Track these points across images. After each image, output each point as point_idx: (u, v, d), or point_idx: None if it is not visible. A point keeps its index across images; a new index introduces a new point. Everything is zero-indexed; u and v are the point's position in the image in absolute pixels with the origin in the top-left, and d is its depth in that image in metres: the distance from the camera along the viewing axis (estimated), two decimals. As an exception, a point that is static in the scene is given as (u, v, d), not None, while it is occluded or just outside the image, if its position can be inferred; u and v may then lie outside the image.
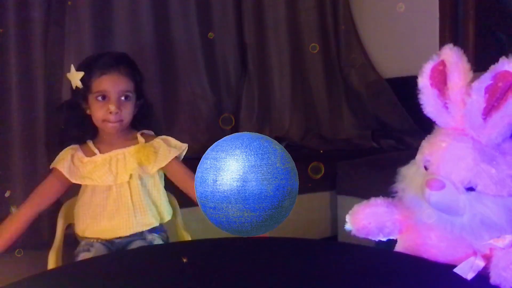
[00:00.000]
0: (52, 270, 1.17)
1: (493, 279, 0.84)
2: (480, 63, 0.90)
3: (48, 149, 1.63)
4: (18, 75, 1.77)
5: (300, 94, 2.67)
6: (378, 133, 2.65)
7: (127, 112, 1.30)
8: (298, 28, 2.68)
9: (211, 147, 0.54)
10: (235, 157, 0.51)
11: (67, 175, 1.29)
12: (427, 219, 0.94)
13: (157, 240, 1.34)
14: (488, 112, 0.84)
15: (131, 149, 1.34)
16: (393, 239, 1.07)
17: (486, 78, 0.83)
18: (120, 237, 1.32)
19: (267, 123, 2.54)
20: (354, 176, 2.18)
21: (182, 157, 1.39)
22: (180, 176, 1.36)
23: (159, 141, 1.36)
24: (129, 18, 2.13)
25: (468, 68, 0.90)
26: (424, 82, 0.93)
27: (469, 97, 0.85)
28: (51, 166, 1.34)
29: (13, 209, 1.36)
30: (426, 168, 0.94)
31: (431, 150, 0.93)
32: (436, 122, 0.96)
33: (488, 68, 0.86)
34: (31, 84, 1.79)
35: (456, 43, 0.94)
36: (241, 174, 0.50)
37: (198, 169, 0.54)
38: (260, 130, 2.48)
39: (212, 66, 2.42)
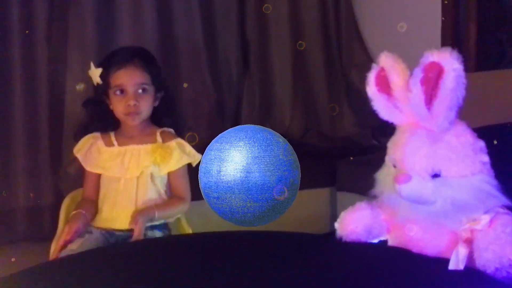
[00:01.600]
0: (53, 260, 1.19)
1: (478, 262, 0.87)
2: (481, 63, 0.95)
3: (51, 143, 1.64)
4: (22, 70, 1.78)
5: (301, 92, 2.67)
6: (378, 131, 2.65)
7: (146, 104, 1.34)
8: (300, 26, 2.68)
9: (215, 138, 0.56)
10: (239, 148, 0.52)
11: (82, 163, 1.35)
12: (409, 232, 0.99)
13: (157, 236, 1.35)
14: (429, 101, 0.91)
15: (148, 147, 1.36)
16: (385, 240, 1.10)
17: (417, 73, 0.91)
18: (120, 230, 1.33)
19: (267, 120, 2.55)
20: (354, 173, 2.19)
21: (195, 165, 1.41)
22: (174, 189, 1.40)
23: (175, 144, 1.38)
24: (132, 14, 2.13)
25: (404, 68, 0.98)
26: (372, 90, 1.02)
27: (410, 93, 0.92)
28: (75, 153, 1.38)
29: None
30: (395, 166, 1.00)
31: (394, 148, 1.01)
32: (394, 123, 1.03)
33: (489, 68, 0.91)
34: (34, 79, 1.81)
35: (457, 42, 1.00)
36: (244, 165, 0.51)
37: (202, 159, 0.55)
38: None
39: (214, 63, 2.42)
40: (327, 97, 2.72)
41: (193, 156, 1.39)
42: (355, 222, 1.06)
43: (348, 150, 2.47)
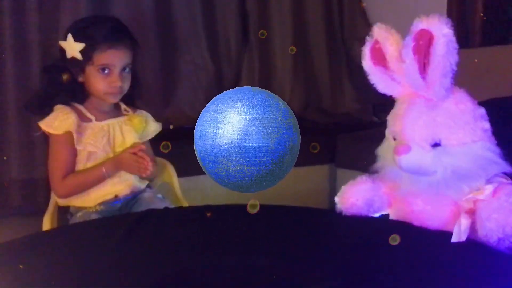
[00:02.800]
0: (47, 231, 1.17)
1: (480, 232, 0.87)
2: (488, 38, 0.92)
3: (27, 111, 1.49)
4: (13, 40, 1.74)
5: (301, 66, 2.63)
6: (379, 107, 2.62)
7: (128, 83, 1.30)
8: (301, -2, 2.62)
9: (211, 100, 0.52)
10: (236, 109, 0.49)
11: (75, 140, 1.26)
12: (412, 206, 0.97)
13: (155, 194, 1.36)
14: (423, 70, 0.89)
15: (124, 119, 1.35)
16: (386, 215, 1.09)
17: (408, 41, 0.89)
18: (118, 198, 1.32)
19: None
20: (353, 149, 2.17)
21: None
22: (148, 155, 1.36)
23: (145, 113, 1.40)
24: (128, -18, 2.07)
25: (398, 38, 0.97)
26: (368, 64, 1.01)
27: (403, 63, 0.91)
28: (53, 131, 1.25)
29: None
30: (395, 139, 0.99)
31: (394, 121, 1.00)
32: (392, 95, 1.02)
33: (495, 43, 0.88)
34: (26, 48, 1.76)
35: (463, 17, 0.98)
36: (242, 126, 0.48)
37: (197, 122, 0.52)
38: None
39: (213, 36, 2.37)
40: (328, 72, 2.67)
41: (159, 125, 1.42)
42: (355, 195, 1.05)
43: (348, 126, 2.44)
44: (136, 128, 1.34)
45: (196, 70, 2.29)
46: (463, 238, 0.87)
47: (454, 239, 0.87)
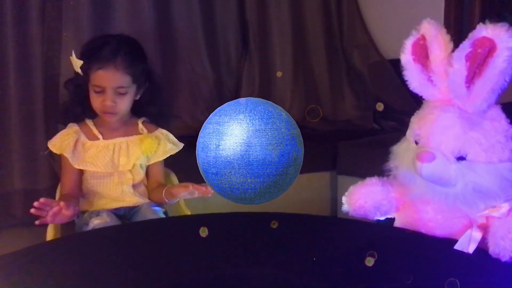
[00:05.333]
0: (50, 241, 1.17)
1: (492, 249, 0.84)
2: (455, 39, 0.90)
3: (47, 125, 1.60)
4: (16, 51, 1.74)
5: (301, 74, 2.63)
6: (379, 114, 2.62)
7: (123, 104, 1.30)
8: (301, 6, 2.63)
9: (213, 112, 0.53)
10: (239, 121, 0.49)
11: (71, 161, 1.29)
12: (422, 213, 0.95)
13: (151, 206, 1.35)
14: (471, 80, 0.84)
15: (135, 138, 1.35)
16: (391, 219, 1.08)
17: (465, 46, 0.83)
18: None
19: (267, 102, 2.51)
20: (354, 156, 2.17)
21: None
22: (156, 177, 1.39)
23: (159, 134, 1.38)
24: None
25: (448, 39, 0.91)
26: (406, 58, 0.95)
27: (451, 68, 0.86)
28: (52, 149, 1.31)
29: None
30: (416, 142, 0.95)
31: (420, 124, 0.95)
32: (423, 97, 0.98)
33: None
34: (28, 60, 1.77)
35: (461, 23, 0.95)
36: (245, 138, 0.48)
37: (200, 134, 0.52)
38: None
39: (213, 45, 2.38)
40: (328, 79, 2.68)
41: (177, 145, 1.40)
42: (364, 197, 1.02)
43: (349, 134, 2.44)
44: (145, 150, 1.33)
45: (196, 78, 2.29)
46: (470, 250, 0.85)
47: (458, 247, 0.86)
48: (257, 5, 2.50)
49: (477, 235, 0.87)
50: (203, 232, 0.60)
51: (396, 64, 2.61)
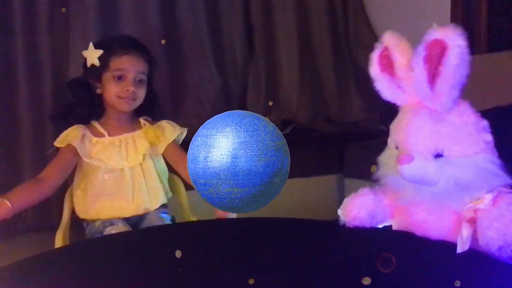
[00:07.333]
0: (59, 248, 1.20)
1: (481, 241, 0.87)
2: (493, 43, 0.92)
3: (52, 122, 1.62)
4: (25, 60, 1.78)
5: (308, 77, 2.63)
6: (386, 116, 2.61)
7: (142, 93, 1.35)
8: (306, 9, 2.63)
9: (202, 125, 0.55)
10: (225, 134, 0.51)
11: (80, 151, 1.31)
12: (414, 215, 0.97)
13: (158, 214, 1.38)
14: (432, 80, 0.89)
15: (139, 132, 1.38)
16: (388, 226, 1.10)
17: (420, 50, 0.89)
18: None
19: (274, 106, 2.52)
20: (362, 158, 2.16)
21: (181, 140, 1.43)
22: (177, 157, 1.40)
23: (163, 122, 1.42)
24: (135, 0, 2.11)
25: (408, 47, 0.97)
26: (375, 70, 1.01)
27: (413, 72, 0.91)
28: (57, 144, 1.34)
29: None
30: (397, 148, 0.99)
31: (397, 130, 1.00)
32: (397, 103, 1.02)
33: (501, 49, 0.88)
34: (38, 68, 1.81)
35: (468, 23, 0.98)
36: (230, 150, 0.50)
37: (190, 146, 0.55)
38: (266, 113, 2.47)
39: (219, 49, 2.39)
40: (335, 81, 2.68)
41: (182, 128, 1.42)
42: (358, 208, 1.06)
43: (356, 136, 2.44)
44: (151, 140, 1.37)
45: (203, 83, 2.31)
46: (466, 247, 0.87)
47: (459, 250, 0.88)
48: (262, 9, 2.51)
49: (467, 231, 0.89)
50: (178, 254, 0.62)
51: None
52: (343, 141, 2.33)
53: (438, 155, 0.92)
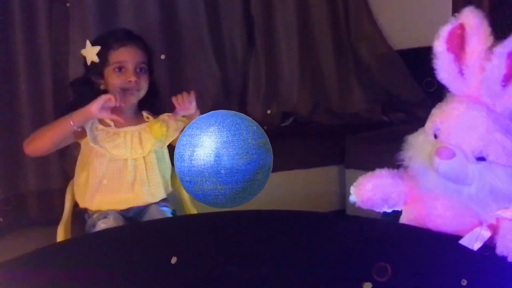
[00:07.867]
0: (61, 242, 1.22)
1: (500, 250, 0.82)
2: (494, 34, 0.87)
3: None
4: (25, 56, 1.80)
5: (308, 68, 2.63)
6: (388, 106, 2.61)
7: (144, 82, 1.37)
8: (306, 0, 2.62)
9: (188, 125, 0.57)
10: (209, 134, 0.53)
11: (88, 135, 1.32)
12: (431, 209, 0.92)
13: (159, 208, 1.40)
14: (508, 79, 0.80)
15: (144, 126, 1.40)
16: (398, 210, 1.06)
17: (510, 43, 0.78)
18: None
19: (274, 98, 2.52)
20: (363, 150, 2.17)
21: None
22: None
23: (166, 117, 1.43)
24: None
25: (489, 33, 0.85)
26: (440, 46, 0.88)
27: (489, 63, 0.80)
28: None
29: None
30: (436, 136, 0.91)
31: (442, 118, 0.90)
32: (450, 89, 0.92)
33: (502, 39, 0.82)
34: (38, 64, 1.82)
35: None
36: (214, 149, 0.52)
37: (176, 145, 0.57)
38: (267, 106, 2.48)
39: (218, 42, 2.39)
40: (335, 72, 2.67)
41: (185, 121, 1.43)
42: (373, 190, 1.00)
43: (357, 127, 2.44)
44: (156, 135, 1.38)
45: (203, 76, 2.32)
46: (475, 248, 0.84)
47: (463, 242, 0.85)
48: (262, 0, 2.50)
49: (486, 234, 0.85)
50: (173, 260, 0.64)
51: (404, 55, 2.61)
52: (344, 132, 2.32)
53: (481, 159, 0.85)
